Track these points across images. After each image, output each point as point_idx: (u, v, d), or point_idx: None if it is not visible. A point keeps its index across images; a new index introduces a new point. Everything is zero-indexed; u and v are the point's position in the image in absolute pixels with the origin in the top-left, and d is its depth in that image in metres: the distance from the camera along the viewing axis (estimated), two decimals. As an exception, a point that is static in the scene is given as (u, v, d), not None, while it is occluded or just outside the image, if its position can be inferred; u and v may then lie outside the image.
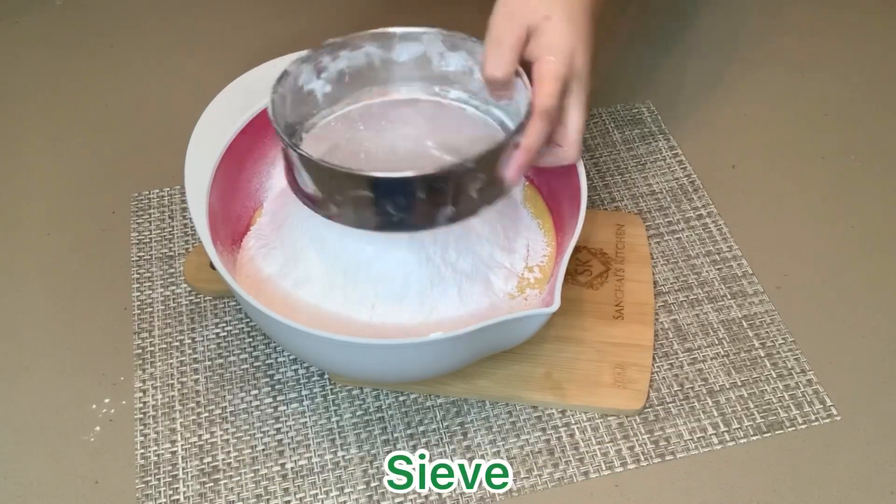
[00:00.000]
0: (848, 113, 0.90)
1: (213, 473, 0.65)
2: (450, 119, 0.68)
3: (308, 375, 0.71)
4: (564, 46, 0.60)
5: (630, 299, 0.73)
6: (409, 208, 0.59)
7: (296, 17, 1.01)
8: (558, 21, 0.60)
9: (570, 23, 0.60)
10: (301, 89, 0.66)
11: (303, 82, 0.66)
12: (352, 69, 0.68)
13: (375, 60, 0.68)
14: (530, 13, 0.60)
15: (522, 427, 0.67)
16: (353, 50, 0.67)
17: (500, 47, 0.60)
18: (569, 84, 0.60)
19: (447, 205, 0.59)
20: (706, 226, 0.80)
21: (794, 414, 0.68)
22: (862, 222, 0.80)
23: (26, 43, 1.00)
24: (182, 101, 0.91)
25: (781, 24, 0.99)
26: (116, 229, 0.81)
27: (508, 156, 0.60)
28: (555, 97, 0.59)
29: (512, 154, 0.60)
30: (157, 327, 0.74)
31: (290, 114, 0.65)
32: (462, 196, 0.59)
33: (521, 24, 0.60)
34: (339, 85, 0.68)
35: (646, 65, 0.95)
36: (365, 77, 0.69)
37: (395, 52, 0.68)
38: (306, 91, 0.67)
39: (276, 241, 0.70)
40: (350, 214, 0.60)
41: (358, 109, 0.69)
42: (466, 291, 0.66)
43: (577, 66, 0.60)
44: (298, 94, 0.66)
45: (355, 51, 0.67)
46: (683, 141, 0.87)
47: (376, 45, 0.68)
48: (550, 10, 0.60)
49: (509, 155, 0.60)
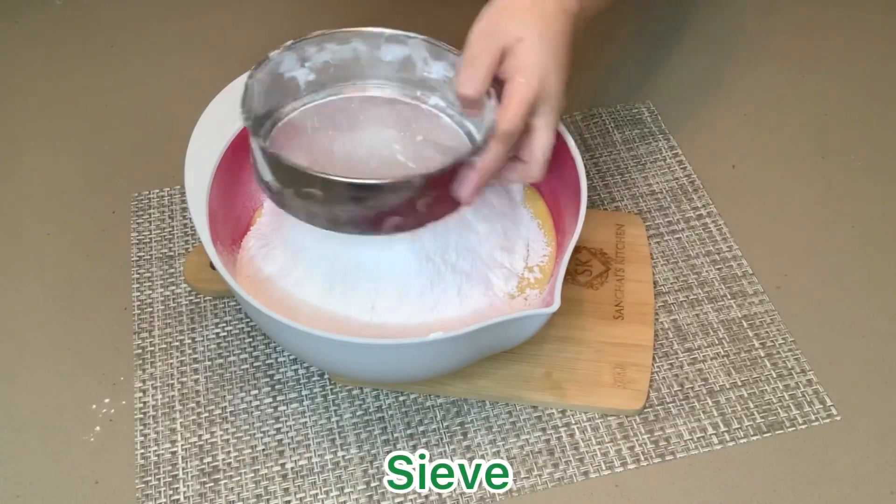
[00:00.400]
0: (848, 113, 0.90)
1: (213, 473, 0.65)
2: (424, 125, 0.68)
3: (308, 375, 0.71)
4: (535, 68, 0.60)
5: (630, 299, 0.73)
6: (354, 212, 0.59)
7: (296, 18, 1.01)
8: (531, 43, 0.60)
9: (543, 45, 0.60)
10: (281, 76, 0.66)
11: (284, 69, 0.66)
12: (337, 61, 0.68)
13: (361, 56, 0.69)
14: (506, 34, 0.60)
15: (522, 427, 0.67)
16: (340, 43, 0.67)
17: (473, 66, 0.60)
18: (537, 105, 0.60)
19: (394, 215, 0.59)
20: (706, 226, 0.80)
21: (794, 414, 0.68)
22: (862, 222, 0.80)
23: (26, 43, 1.00)
24: (182, 101, 0.91)
25: (781, 25, 0.99)
26: (116, 229, 0.81)
27: (463, 175, 0.60)
28: (517, 120, 0.59)
29: (467, 174, 0.60)
30: (157, 327, 0.74)
31: (266, 100, 0.66)
32: (410, 209, 0.60)
33: (497, 45, 0.60)
34: (323, 75, 0.69)
35: (646, 65, 0.95)
36: (349, 70, 0.69)
37: (382, 52, 0.68)
38: (287, 78, 0.67)
39: (276, 241, 0.70)
40: (301, 210, 0.61)
41: (337, 102, 0.69)
42: (466, 291, 0.66)
43: (547, 88, 0.60)
44: (278, 81, 0.66)
45: (342, 44, 0.68)
46: (683, 141, 0.87)
47: (363, 42, 0.68)
48: (524, 32, 0.60)
49: (464, 174, 0.60)
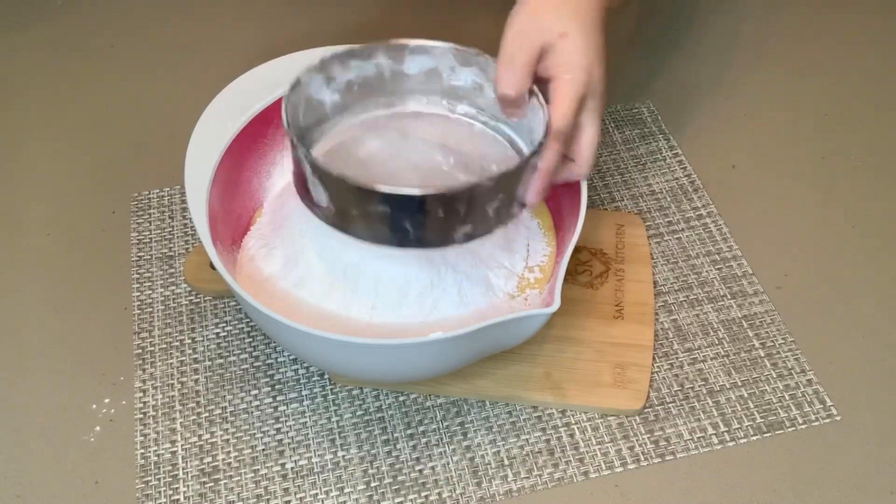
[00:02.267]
0: (848, 113, 0.90)
1: (213, 473, 0.65)
2: (458, 134, 0.68)
3: (308, 375, 0.71)
4: (582, 63, 0.59)
5: (630, 299, 0.73)
6: (424, 226, 0.58)
7: (296, 17, 1.01)
8: (574, 38, 0.59)
9: (586, 39, 0.60)
10: (312, 99, 0.66)
11: (312, 91, 0.65)
12: (361, 79, 0.67)
13: (385, 72, 0.68)
14: (545, 31, 0.59)
15: (522, 427, 0.67)
16: (363, 60, 0.66)
17: (512, 65, 0.60)
18: (585, 100, 0.60)
19: (464, 223, 0.59)
20: (706, 226, 0.80)
21: (794, 414, 0.68)
22: (862, 222, 0.80)
23: (26, 43, 1.00)
24: (182, 101, 0.91)
25: (781, 25, 0.99)
26: (116, 229, 0.81)
27: (526, 176, 0.60)
28: (570, 117, 0.59)
29: (531, 176, 0.60)
30: (157, 327, 0.74)
31: (301, 123, 0.65)
32: (478, 215, 0.59)
33: (535, 42, 0.59)
34: (348, 95, 0.68)
35: (646, 65, 0.95)
36: (374, 88, 0.68)
37: (406, 65, 0.67)
38: (316, 101, 0.66)
39: (276, 241, 0.70)
40: (364, 230, 0.59)
41: (366, 121, 0.69)
42: (466, 291, 0.66)
43: (593, 83, 0.60)
44: (309, 104, 0.66)
45: (366, 61, 0.67)
46: (683, 141, 0.87)
47: (387, 57, 0.67)
48: (566, 27, 0.59)
49: (527, 175, 0.60)
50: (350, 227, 0.60)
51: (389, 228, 0.59)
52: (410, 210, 0.57)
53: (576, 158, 0.62)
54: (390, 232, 0.59)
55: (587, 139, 0.61)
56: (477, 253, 0.68)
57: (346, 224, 0.60)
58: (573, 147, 0.62)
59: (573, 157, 0.62)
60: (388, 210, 0.57)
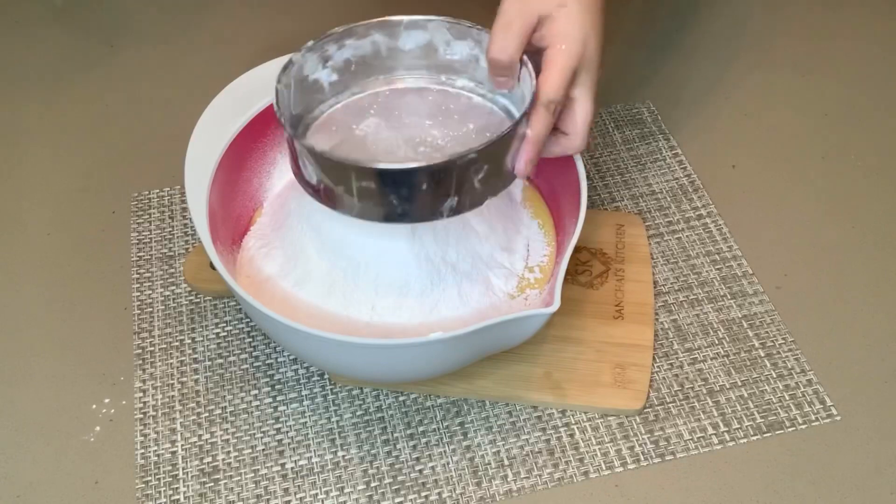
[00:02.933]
0: (848, 113, 0.90)
1: (213, 473, 0.65)
2: (456, 108, 0.68)
3: (308, 375, 0.71)
4: (577, 34, 0.59)
5: (630, 299, 0.73)
6: (412, 199, 0.58)
7: (296, 17, 1.01)
8: (572, 9, 0.59)
9: (584, 11, 0.59)
10: (306, 79, 0.66)
11: (308, 72, 0.66)
12: (357, 58, 0.68)
13: (381, 48, 0.68)
14: (544, 1, 0.59)
15: (522, 427, 0.67)
16: (358, 38, 0.67)
17: (508, 31, 0.59)
18: (578, 73, 0.60)
19: (450, 196, 0.59)
20: (706, 226, 0.80)
21: (794, 414, 0.68)
22: (862, 222, 0.80)
23: (26, 43, 1.00)
24: (182, 101, 0.91)
25: (781, 25, 0.99)
26: (116, 229, 0.81)
27: (514, 146, 0.60)
28: (561, 87, 0.58)
29: (519, 146, 0.60)
30: (157, 327, 0.74)
31: (295, 104, 0.65)
32: (465, 186, 0.59)
33: (533, 11, 0.59)
34: (345, 74, 0.68)
35: (646, 65, 0.95)
36: (371, 66, 0.69)
37: (401, 41, 0.68)
38: (312, 80, 0.66)
39: (276, 241, 0.70)
40: (354, 205, 0.60)
41: (364, 98, 0.69)
42: (466, 291, 0.66)
43: (588, 55, 0.60)
44: (304, 84, 0.66)
45: (361, 39, 0.67)
46: (683, 141, 0.87)
47: (382, 33, 0.67)
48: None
49: (515, 145, 0.60)
50: (338, 203, 0.61)
51: (375, 203, 0.59)
52: (398, 184, 0.58)
53: (570, 132, 0.62)
54: (377, 207, 0.59)
55: (581, 113, 0.61)
56: (477, 253, 0.68)
57: (335, 201, 0.61)
58: (567, 121, 0.62)
59: (567, 131, 0.62)
60: (372, 185, 0.58)
